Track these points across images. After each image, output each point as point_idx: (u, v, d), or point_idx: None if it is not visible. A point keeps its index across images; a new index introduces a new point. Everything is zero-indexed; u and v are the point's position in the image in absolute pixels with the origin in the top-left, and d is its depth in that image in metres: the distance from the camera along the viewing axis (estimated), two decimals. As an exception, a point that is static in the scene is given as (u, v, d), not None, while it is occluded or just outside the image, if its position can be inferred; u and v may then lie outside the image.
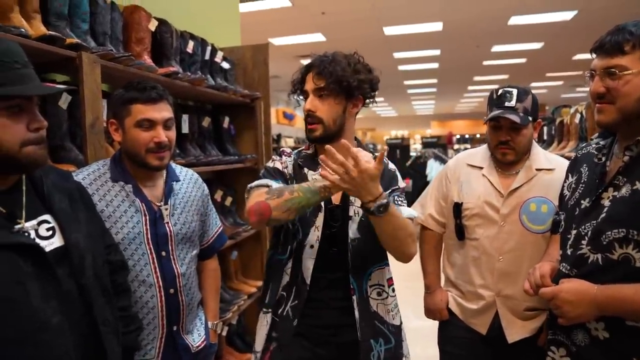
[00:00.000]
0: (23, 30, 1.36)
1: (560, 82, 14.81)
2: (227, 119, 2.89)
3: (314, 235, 1.43)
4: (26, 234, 1.00)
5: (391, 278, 1.53)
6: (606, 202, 1.18)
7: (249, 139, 3.07)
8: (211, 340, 1.71)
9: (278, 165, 1.53)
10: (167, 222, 1.52)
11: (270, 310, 1.49)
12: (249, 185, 1.45)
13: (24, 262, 0.94)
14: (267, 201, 1.27)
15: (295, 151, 1.61)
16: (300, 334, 1.45)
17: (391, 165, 1.59)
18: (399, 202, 1.48)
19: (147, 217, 1.48)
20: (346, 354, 1.45)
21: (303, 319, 1.44)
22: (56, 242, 1.04)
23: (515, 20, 7.53)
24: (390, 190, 1.50)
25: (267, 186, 1.38)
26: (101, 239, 1.23)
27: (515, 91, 1.67)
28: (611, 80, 1.14)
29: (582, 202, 1.26)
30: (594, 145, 1.35)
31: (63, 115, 1.65)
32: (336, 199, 1.46)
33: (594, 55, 1.20)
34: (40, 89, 1.02)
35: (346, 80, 1.40)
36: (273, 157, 1.59)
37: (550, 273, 1.28)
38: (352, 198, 1.43)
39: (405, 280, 2.29)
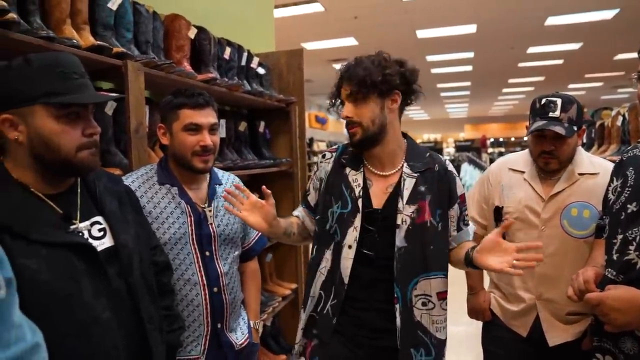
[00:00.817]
0: (75, 41, 1.43)
1: (600, 84, 14.36)
2: (262, 124, 2.94)
3: (352, 236, 1.44)
4: (80, 234, 1.05)
5: (445, 291, 1.48)
6: None
7: (283, 143, 3.11)
8: (254, 339, 1.76)
9: (311, 185, 1.62)
10: (211, 224, 1.58)
11: (303, 307, 1.54)
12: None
13: (78, 261, 0.99)
14: None
15: (342, 145, 1.60)
16: (339, 331, 1.46)
17: (449, 164, 1.55)
18: (468, 222, 1.53)
19: (192, 218, 1.54)
20: (383, 359, 1.45)
21: (342, 317, 1.45)
22: (107, 242, 1.09)
23: (552, 20, 7.36)
24: (461, 211, 1.50)
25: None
26: (147, 241, 1.28)
27: (559, 101, 1.62)
28: None
29: (628, 206, 1.23)
30: None
31: (109, 121, 1.72)
32: (378, 203, 1.46)
33: None
34: (96, 97, 1.08)
35: (369, 78, 1.39)
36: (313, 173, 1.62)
37: (594, 278, 1.26)
38: (400, 206, 1.43)
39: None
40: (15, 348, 0.67)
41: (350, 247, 1.44)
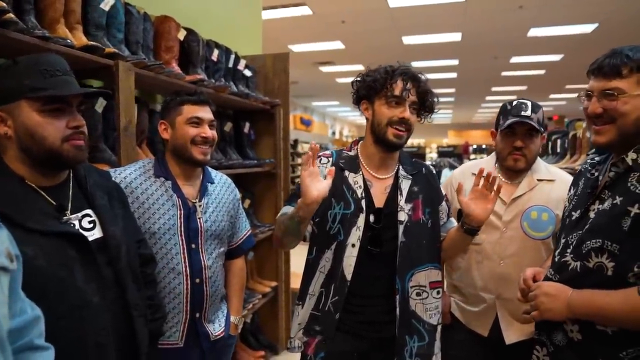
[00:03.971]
0: (69, 40, 1.49)
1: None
2: (247, 125, 3.00)
3: (355, 235, 1.52)
4: (72, 224, 1.12)
5: (438, 281, 1.61)
6: (592, 214, 1.24)
7: (267, 144, 3.18)
8: (231, 332, 1.83)
9: None
10: (200, 218, 1.67)
11: (301, 304, 1.61)
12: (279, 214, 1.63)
13: (70, 249, 1.07)
14: (276, 233, 1.57)
15: (335, 151, 1.67)
16: (341, 328, 1.54)
17: (432, 167, 1.72)
18: (449, 210, 1.70)
19: (182, 212, 1.64)
20: (381, 347, 1.55)
21: (344, 314, 1.53)
22: (96, 233, 1.17)
23: (534, 32, 7.55)
24: (448, 206, 1.69)
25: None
26: (134, 234, 1.35)
27: (530, 103, 1.76)
28: (608, 101, 1.19)
29: (573, 213, 1.34)
30: (589, 161, 1.42)
31: (98, 118, 1.77)
32: (379, 202, 1.56)
33: (591, 77, 1.25)
34: (74, 90, 1.12)
35: (433, 111, 1.60)
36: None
37: (532, 276, 1.38)
38: (402, 203, 1.55)
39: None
40: (19, 319, 0.74)
41: (353, 245, 1.52)
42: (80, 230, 1.13)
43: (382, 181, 1.60)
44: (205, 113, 1.67)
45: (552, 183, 1.77)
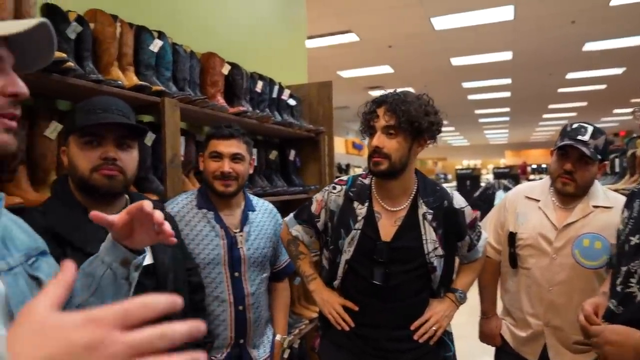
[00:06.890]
0: (120, 82, 1.62)
1: (647, 108, 13.91)
2: (292, 152, 3.08)
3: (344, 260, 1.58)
4: None
5: None
6: None
7: (313, 170, 3.24)
8: (275, 350, 1.86)
9: (314, 208, 1.69)
10: (241, 248, 1.73)
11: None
12: (286, 220, 1.76)
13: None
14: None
15: (352, 177, 1.68)
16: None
17: (455, 201, 1.60)
18: (478, 241, 1.67)
19: (225, 242, 1.70)
20: None
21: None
22: (147, 260, 1.25)
23: (590, 46, 7.29)
24: (471, 238, 1.63)
25: (295, 237, 1.74)
26: (183, 262, 1.44)
27: (590, 128, 1.67)
28: None
29: (631, 238, 1.25)
30: None
31: (148, 151, 1.88)
32: (386, 235, 1.54)
33: None
34: (97, 120, 1.18)
35: (417, 121, 1.44)
36: (317, 195, 1.72)
37: (594, 310, 1.29)
38: (431, 237, 1.52)
39: (470, 314, 2.27)
40: None
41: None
42: None
43: (392, 213, 1.57)
44: (227, 147, 1.68)
45: (609, 210, 1.67)
